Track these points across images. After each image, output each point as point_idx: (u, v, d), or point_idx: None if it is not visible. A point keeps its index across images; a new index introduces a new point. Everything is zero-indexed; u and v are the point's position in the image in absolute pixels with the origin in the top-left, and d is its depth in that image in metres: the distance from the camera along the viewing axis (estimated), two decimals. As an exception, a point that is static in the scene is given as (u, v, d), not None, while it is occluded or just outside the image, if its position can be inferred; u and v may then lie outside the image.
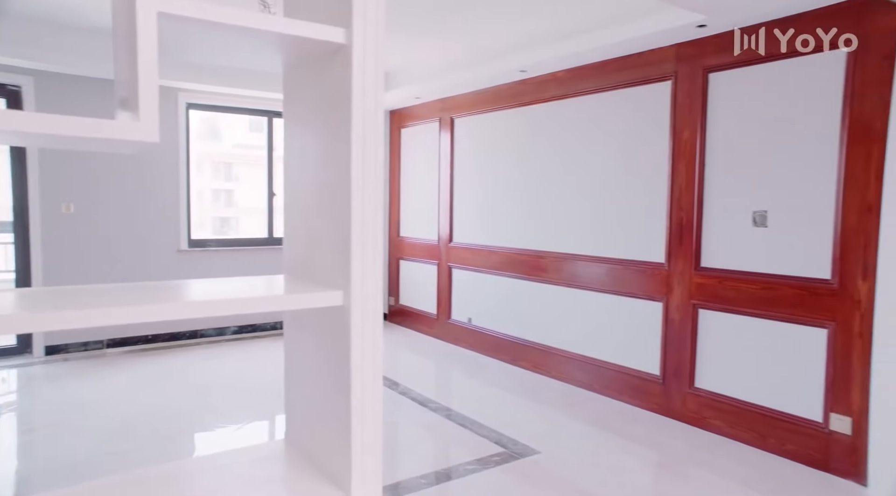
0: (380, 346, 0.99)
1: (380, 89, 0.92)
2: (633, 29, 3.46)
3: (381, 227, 0.97)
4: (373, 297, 0.98)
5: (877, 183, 2.76)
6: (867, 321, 2.81)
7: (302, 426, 1.15)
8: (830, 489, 2.83)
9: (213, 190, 7.51)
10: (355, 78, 0.89)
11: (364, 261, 0.96)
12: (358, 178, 0.93)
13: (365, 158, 0.93)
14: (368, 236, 0.95)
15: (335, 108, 0.95)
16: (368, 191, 0.95)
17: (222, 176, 7.61)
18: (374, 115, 0.93)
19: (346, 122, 0.92)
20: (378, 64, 0.92)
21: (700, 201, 3.49)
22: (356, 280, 0.95)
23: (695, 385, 3.55)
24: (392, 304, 6.49)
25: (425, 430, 3.61)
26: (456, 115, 5.43)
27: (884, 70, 2.73)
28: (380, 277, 0.98)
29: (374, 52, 0.90)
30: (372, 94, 0.92)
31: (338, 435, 0.99)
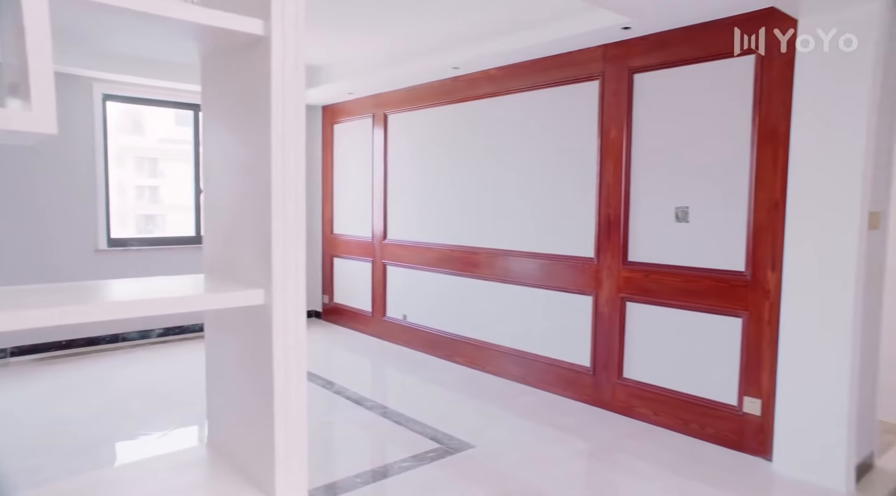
0: (303, 345, 0.97)
1: (300, 83, 0.90)
2: (561, 29, 3.54)
3: (303, 224, 0.95)
4: (295, 295, 0.96)
5: (782, 181, 2.94)
6: (775, 310, 3.00)
7: (224, 430, 1.11)
8: (741, 466, 3.01)
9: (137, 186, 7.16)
10: (274, 71, 0.87)
11: (285, 258, 0.93)
12: (278, 174, 0.91)
13: (285, 154, 0.91)
14: (290, 233, 0.93)
15: (254, 102, 0.92)
16: (289, 187, 0.92)
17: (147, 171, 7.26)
18: (295, 109, 0.91)
19: (265, 117, 0.89)
20: (299, 57, 0.90)
21: (627, 198, 3.61)
22: (277, 278, 0.93)
23: (623, 375, 3.68)
24: (326, 303, 6.40)
25: (361, 429, 3.58)
26: (389, 112, 5.40)
27: (785, 77, 2.91)
28: (302, 275, 0.96)
29: (295, 45, 0.88)
30: (293, 88, 0.90)
31: (261, 438, 0.97)
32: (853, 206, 2.69)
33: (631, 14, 3.12)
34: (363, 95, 5.62)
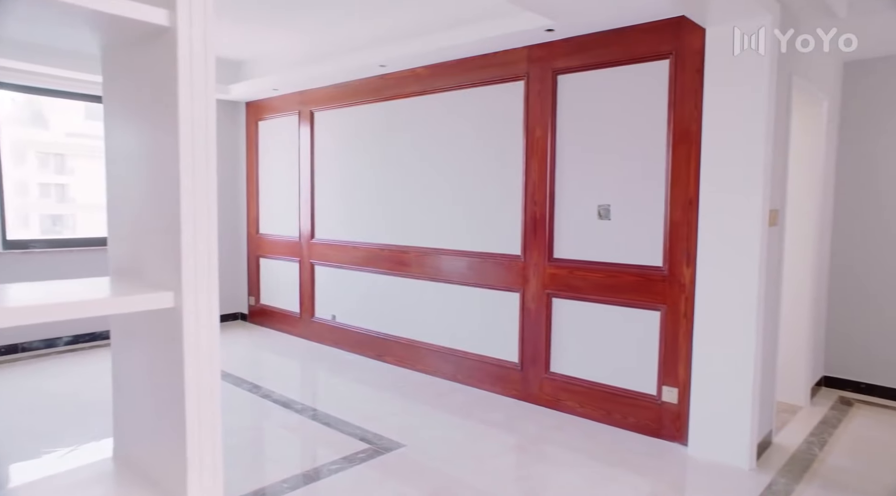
0: (216, 350, 0.93)
1: (210, 77, 0.87)
2: (487, 29, 3.58)
3: (214, 223, 0.92)
4: (208, 298, 0.92)
5: (695, 180, 3.11)
6: (690, 303, 3.16)
7: (133, 442, 1.05)
8: (659, 451, 3.16)
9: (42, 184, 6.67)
10: (181, 64, 0.83)
11: (197, 259, 0.89)
12: (188, 172, 0.87)
13: (195, 151, 0.87)
14: (201, 233, 0.89)
15: (161, 97, 0.88)
16: (200, 184, 0.88)
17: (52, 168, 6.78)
18: (205, 104, 0.87)
19: (172, 112, 0.85)
20: (208, 50, 0.86)
21: (552, 196, 3.71)
22: (188, 280, 0.89)
23: (550, 370, 3.78)
24: (252, 304, 6.20)
25: (289, 432, 3.50)
26: (316, 109, 5.29)
27: (696, 82, 3.08)
28: (215, 277, 0.93)
29: (203, 38, 0.84)
30: (202, 82, 0.86)
31: (172, 449, 0.92)
32: (756, 205, 2.87)
33: (553, 17, 3.20)
34: (289, 92, 5.49)
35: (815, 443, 3.31)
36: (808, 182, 3.78)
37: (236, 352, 5.23)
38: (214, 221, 0.92)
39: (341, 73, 4.73)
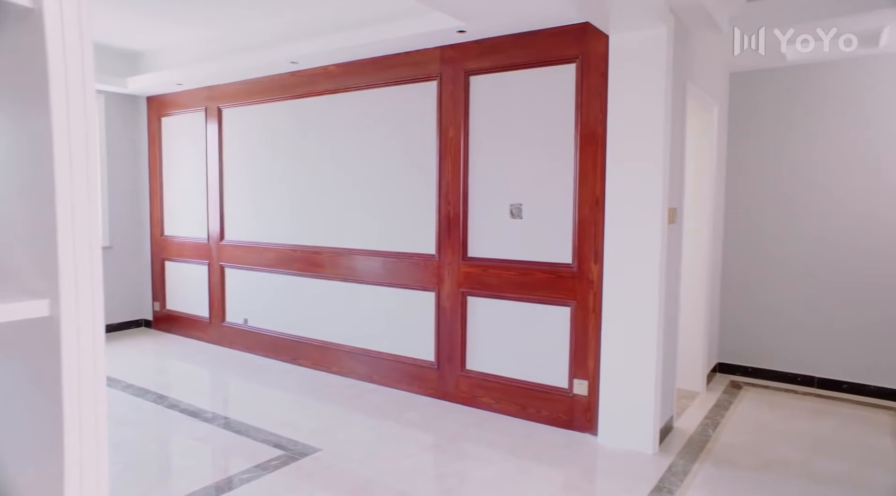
0: (101, 362, 0.87)
1: (88, 66, 0.80)
2: (398, 28, 3.57)
3: (97, 225, 0.85)
4: (91, 306, 0.85)
5: (601, 180, 3.24)
6: (598, 298, 3.30)
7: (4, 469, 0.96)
8: (571, 443, 3.28)
9: None
10: (51, 51, 0.76)
11: (77, 263, 0.83)
12: (64, 168, 0.80)
13: (72, 147, 0.81)
14: (82, 233, 0.83)
15: (29, 87, 0.81)
16: (79, 183, 0.82)
17: None
18: (83, 96, 0.81)
19: (43, 104, 0.78)
20: (84, 36, 0.80)
21: (465, 195, 3.75)
22: (67, 286, 0.82)
23: (466, 368, 3.82)
24: (157, 310, 5.87)
25: (199, 443, 3.34)
26: (224, 105, 5.08)
27: (600, 86, 3.21)
28: (99, 282, 0.86)
29: (77, 20, 0.78)
30: (78, 72, 0.80)
31: (47, 474, 0.85)
32: (656, 203, 3.04)
33: (464, 18, 3.23)
34: (194, 87, 5.23)
35: (710, 424, 3.55)
36: (701, 182, 4.04)
37: (139, 361, 4.93)
38: (97, 222, 0.86)
39: (250, 69, 4.56)
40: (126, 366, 4.71)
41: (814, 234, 4.20)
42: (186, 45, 4.86)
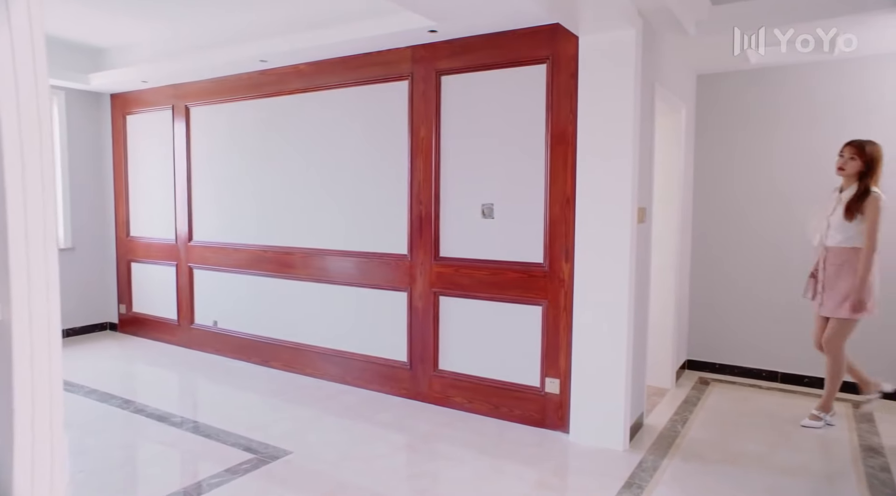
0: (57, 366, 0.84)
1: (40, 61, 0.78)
2: (369, 27, 3.55)
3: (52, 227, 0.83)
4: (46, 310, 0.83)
5: (571, 179, 3.27)
6: (569, 297, 3.32)
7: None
8: (543, 441, 3.30)
9: None
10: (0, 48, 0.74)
11: (30, 265, 0.80)
12: (15, 170, 0.77)
13: (24, 146, 0.78)
14: (35, 238, 0.80)
15: (-21, 82, 0.78)
16: (33, 183, 0.79)
17: None
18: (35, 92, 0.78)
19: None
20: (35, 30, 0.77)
21: (437, 195, 3.75)
22: (20, 291, 0.79)
23: (439, 368, 3.82)
24: (123, 313, 5.74)
25: (167, 448, 3.27)
26: (192, 104, 4.99)
27: (571, 87, 3.24)
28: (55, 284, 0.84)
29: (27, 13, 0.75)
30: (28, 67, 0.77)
31: (3, 478, 0.82)
32: (626, 203, 3.07)
33: (436, 18, 3.23)
34: (161, 85, 5.13)
35: (679, 420, 3.61)
36: (670, 182, 4.11)
37: (103, 366, 4.81)
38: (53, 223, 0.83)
39: (219, 67, 4.49)
40: (89, 370, 4.59)
41: (777, 233, 4.31)
42: (152, 42, 4.76)
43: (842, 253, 3.31)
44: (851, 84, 4.04)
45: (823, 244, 3.40)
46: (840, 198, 3.36)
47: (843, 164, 3.31)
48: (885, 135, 3.74)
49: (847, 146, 3.31)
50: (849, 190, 3.32)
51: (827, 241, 3.38)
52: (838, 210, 3.33)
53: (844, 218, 3.27)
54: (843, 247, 3.30)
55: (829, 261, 3.36)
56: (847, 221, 3.26)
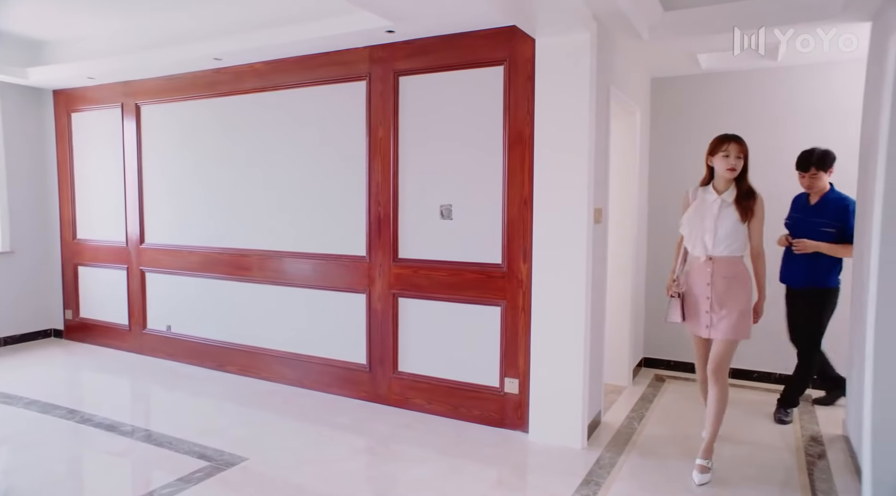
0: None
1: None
2: (325, 27, 3.51)
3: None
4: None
5: (529, 181, 3.30)
6: (528, 297, 3.35)
7: None
8: (503, 441, 3.32)
9: None
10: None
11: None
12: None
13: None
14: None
15: None
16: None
17: None
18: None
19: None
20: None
21: (395, 196, 3.73)
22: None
23: (399, 369, 3.80)
24: (69, 319, 5.52)
25: (116, 458, 3.16)
26: (143, 102, 4.84)
27: (527, 88, 3.27)
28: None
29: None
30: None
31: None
32: (582, 203, 3.12)
33: (392, 18, 3.21)
34: (109, 82, 4.95)
35: (635, 417, 3.68)
36: (626, 183, 4.19)
37: (47, 374, 4.61)
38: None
39: (171, 65, 4.37)
40: (29, 380, 4.39)
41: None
42: (99, 37, 4.59)
43: (732, 263, 2.85)
44: (800, 89, 4.20)
45: (707, 255, 2.86)
46: (721, 200, 2.85)
47: (734, 165, 2.80)
48: (830, 138, 3.90)
49: (733, 143, 2.81)
50: (730, 190, 2.85)
51: (713, 250, 2.85)
52: (727, 213, 2.82)
53: (741, 221, 2.81)
54: (734, 256, 2.85)
55: (719, 274, 2.84)
56: (742, 224, 2.82)
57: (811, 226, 3.54)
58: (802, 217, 3.61)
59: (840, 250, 3.47)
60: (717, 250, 2.85)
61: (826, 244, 3.48)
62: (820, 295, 3.55)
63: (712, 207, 2.87)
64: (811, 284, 3.56)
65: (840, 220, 3.47)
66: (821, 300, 3.55)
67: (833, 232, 3.47)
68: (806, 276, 3.58)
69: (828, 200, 3.54)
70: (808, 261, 3.54)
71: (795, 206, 3.72)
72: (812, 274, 3.55)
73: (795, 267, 3.62)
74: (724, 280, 2.85)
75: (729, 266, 2.85)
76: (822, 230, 3.50)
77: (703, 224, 2.88)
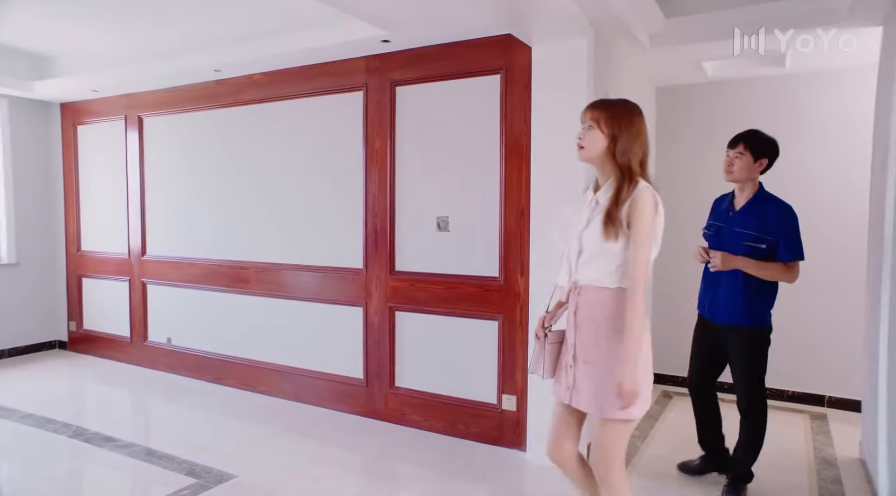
0: None
1: None
2: (321, 37, 3.48)
3: None
4: None
5: (526, 191, 3.22)
6: (525, 311, 3.25)
7: None
8: (499, 459, 3.21)
9: None
10: None
11: None
12: None
13: None
14: None
15: None
16: None
17: None
18: None
19: None
20: None
21: (392, 208, 3.66)
22: None
23: (395, 384, 3.71)
24: (73, 330, 5.52)
25: (105, 474, 3.12)
26: (145, 114, 4.85)
27: (524, 97, 3.20)
28: None
29: None
30: None
31: None
32: (580, 215, 3.02)
33: (386, 28, 3.17)
34: (112, 94, 4.98)
35: (639, 436, 3.55)
36: (629, 194, 4.08)
37: (47, 387, 4.59)
38: None
39: (172, 77, 4.37)
40: (30, 393, 4.38)
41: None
42: (101, 50, 4.61)
43: (605, 299, 1.86)
44: (809, 97, 4.08)
45: (572, 281, 1.95)
46: (596, 201, 1.92)
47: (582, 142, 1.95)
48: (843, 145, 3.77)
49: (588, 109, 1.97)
50: (607, 186, 1.91)
51: (577, 274, 1.92)
52: (598, 221, 1.86)
53: (603, 236, 1.83)
54: (607, 288, 1.86)
55: (584, 313, 1.91)
56: (607, 242, 1.82)
57: (735, 237, 2.69)
58: (725, 225, 2.77)
59: (772, 271, 2.61)
60: (582, 275, 1.90)
61: (753, 262, 2.61)
62: (753, 336, 2.69)
63: (585, 212, 1.94)
64: (740, 322, 2.67)
65: (770, 231, 2.61)
66: (755, 341, 2.69)
67: (762, 247, 2.62)
68: (731, 309, 2.69)
69: (756, 204, 2.70)
70: (734, 288, 2.66)
71: (716, 211, 2.92)
72: (742, 307, 2.66)
73: (718, 294, 2.75)
74: (592, 324, 1.88)
75: (600, 302, 1.87)
76: (746, 243, 2.65)
77: (569, 236, 1.97)
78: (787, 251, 2.60)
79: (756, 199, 2.72)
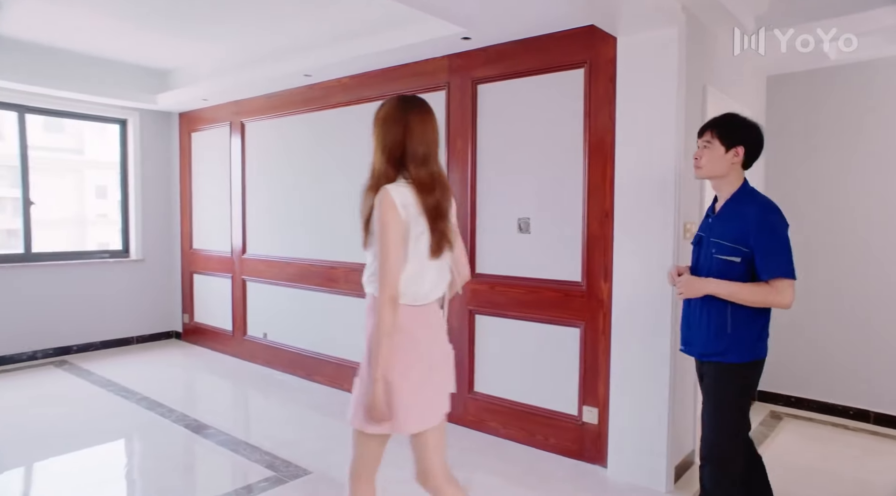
0: None
1: None
2: (403, 36, 3.47)
3: None
4: None
5: (610, 192, 3.01)
6: (608, 319, 3.05)
7: None
8: (579, 475, 3.03)
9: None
10: None
11: None
12: None
13: None
14: None
15: None
16: None
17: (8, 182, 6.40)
18: None
19: None
20: None
21: (473, 208, 3.59)
22: None
23: (474, 389, 3.64)
24: (186, 322, 5.96)
25: (190, 461, 3.31)
26: (247, 120, 5.13)
27: (609, 92, 2.99)
28: None
29: None
30: None
31: None
32: (669, 218, 2.79)
33: (465, 25, 3.10)
34: (219, 102, 5.31)
35: (738, 462, 3.21)
36: (733, 194, 3.72)
37: (162, 374, 4.97)
38: None
39: (268, 83, 4.58)
40: (148, 378, 4.76)
41: (865, 246, 3.80)
42: (208, 62, 4.93)
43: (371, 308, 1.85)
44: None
45: None
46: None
47: None
48: None
49: None
50: None
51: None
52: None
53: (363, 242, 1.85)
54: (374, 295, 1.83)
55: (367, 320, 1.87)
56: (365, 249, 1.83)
57: (710, 251, 2.13)
58: (705, 235, 2.18)
59: (752, 294, 1.98)
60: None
61: (726, 284, 2.01)
62: (725, 375, 2.07)
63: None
64: (712, 355, 2.09)
65: (746, 240, 2.00)
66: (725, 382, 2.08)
67: (736, 261, 2.01)
68: (704, 340, 2.11)
69: (733, 206, 2.11)
70: (709, 313, 2.09)
71: (705, 218, 2.28)
72: (715, 337, 2.07)
73: (692, 321, 2.18)
74: (367, 332, 1.84)
75: (369, 311, 1.84)
76: (718, 257, 2.06)
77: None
78: (764, 265, 1.96)
79: (734, 199, 2.11)
